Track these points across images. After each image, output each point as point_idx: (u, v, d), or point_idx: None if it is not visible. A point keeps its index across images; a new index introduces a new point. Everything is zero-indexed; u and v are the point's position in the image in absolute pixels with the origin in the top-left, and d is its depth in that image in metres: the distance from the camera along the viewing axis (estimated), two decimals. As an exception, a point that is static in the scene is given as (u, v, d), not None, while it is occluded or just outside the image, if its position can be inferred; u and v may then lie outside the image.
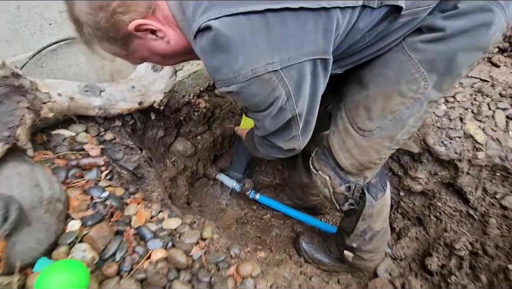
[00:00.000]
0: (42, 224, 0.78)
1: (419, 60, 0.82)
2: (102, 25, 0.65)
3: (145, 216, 0.99)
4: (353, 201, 1.10)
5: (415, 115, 0.90)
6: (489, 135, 1.39)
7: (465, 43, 0.78)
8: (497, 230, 1.32)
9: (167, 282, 0.80)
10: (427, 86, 0.84)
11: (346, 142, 1.00)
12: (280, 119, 0.77)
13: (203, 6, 0.61)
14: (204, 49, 0.64)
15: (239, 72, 0.63)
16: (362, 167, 1.03)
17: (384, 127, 0.93)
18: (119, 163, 1.20)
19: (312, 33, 0.64)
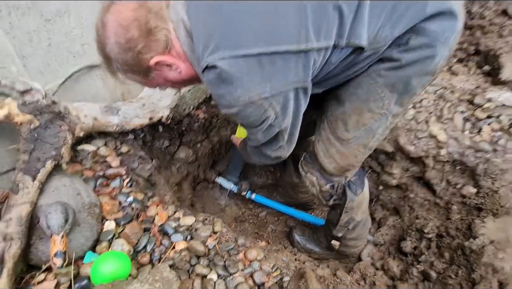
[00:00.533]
0: (87, 225, 0.96)
1: (383, 83, 1.03)
2: (129, 62, 0.85)
3: (164, 215, 1.18)
4: (336, 197, 1.32)
5: (382, 126, 1.12)
6: (450, 135, 1.64)
7: (416, 70, 0.99)
8: (458, 214, 1.57)
9: (190, 267, 1.00)
10: (390, 104, 1.05)
11: (329, 149, 1.21)
12: (270, 133, 0.97)
13: (210, 48, 0.80)
14: (211, 81, 0.84)
15: (238, 99, 0.83)
16: (343, 169, 1.25)
17: (358, 137, 1.14)
18: (135, 171, 1.38)
19: (294, 69, 0.84)
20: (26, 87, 0.97)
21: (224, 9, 0.79)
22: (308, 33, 0.81)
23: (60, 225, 0.82)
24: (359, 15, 0.84)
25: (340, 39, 0.86)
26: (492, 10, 1.91)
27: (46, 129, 0.98)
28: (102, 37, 0.83)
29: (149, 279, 0.82)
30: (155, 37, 0.82)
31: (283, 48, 0.80)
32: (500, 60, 1.77)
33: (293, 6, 0.79)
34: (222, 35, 0.78)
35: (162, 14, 0.82)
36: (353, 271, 1.59)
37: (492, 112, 1.64)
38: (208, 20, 0.80)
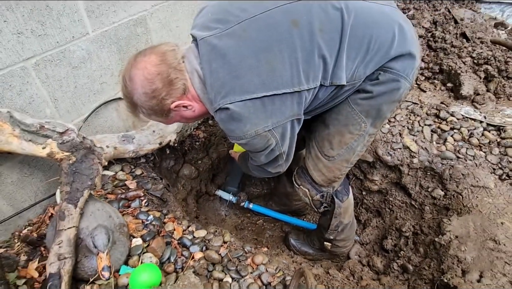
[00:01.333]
0: (121, 242, 1.14)
1: (359, 110, 1.25)
2: (154, 108, 1.04)
3: (180, 230, 1.37)
4: (326, 204, 1.54)
5: (361, 144, 1.34)
6: (420, 145, 1.89)
7: (386, 99, 1.21)
8: (430, 214, 1.82)
9: (208, 272, 1.19)
10: (366, 126, 1.27)
11: (317, 164, 1.43)
12: (271, 156, 1.18)
13: (221, 94, 0.99)
14: (223, 119, 1.04)
15: (246, 132, 1.03)
16: (330, 181, 1.47)
17: (341, 154, 1.36)
18: (149, 191, 1.57)
19: (290, 106, 1.05)
20: (64, 129, 1.15)
21: (232, 62, 0.97)
22: (300, 79, 1.02)
23: (105, 244, 1.01)
24: (338, 62, 1.06)
25: (325, 81, 1.08)
26: (452, 34, 2.20)
27: (82, 163, 1.16)
28: (130, 88, 1.02)
29: (179, 285, 1.02)
30: (175, 86, 1.02)
31: (282, 91, 1.00)
32: (460, 78, 2.04)
33: (287, 58, 0.99)
34: (232, 83, 0.98)
35: (180, 67, 1.02)
36: (343, 268, 1.81)
37: (454, 124, 1.91)
38: (219, 71, 0.98)
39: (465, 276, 1.37)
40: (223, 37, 0.99)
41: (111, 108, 1.54)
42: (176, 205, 1.68)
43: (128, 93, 1.04)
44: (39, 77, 1.18)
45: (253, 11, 1.00)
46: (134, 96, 1.03)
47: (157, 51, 1.01)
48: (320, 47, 1.01)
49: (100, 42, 1.36)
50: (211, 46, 0.99)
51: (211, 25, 1.02)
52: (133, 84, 1.01)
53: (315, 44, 1.00)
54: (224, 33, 0.99)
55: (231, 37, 0.99)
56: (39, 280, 1.09)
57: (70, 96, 1.32)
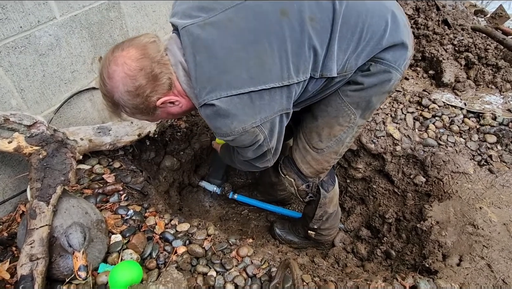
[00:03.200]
0: (99, 240, 1.09)
1: (349, 102, 1.21)
2: (138, 106, 0.97)
3: (162, 224, 1.33)
4: (311, 194, 1.53)
5: (350, 135, 1.31)
6: (403, 133, 1.90)
7: (376, 91, 1.18)
8: (412, 201, 1.85)
9: (191, 267, 1.16)
10: (356, 118, 1.24)
11: (305, 157, 1.40)
12: (259, 151, 1.14)
13: (207, 89, 0.94)
14: (209, 116, 0.98)
15: (234, 129, 0.99)
16: (318, 172, 1.45)
17: (330, 146, 1.33)
18: (129, 185, 1.51)
19: (279, 100, 1.01)
20: (32, 121, 1.07)
21: (218, 55, 0.91)
22: (290, 72, 0.97)
23: (81, 242, 0.95)
24: (329, 53, 1.01)
25: (315, 73, 1.04)
26: (434, 21, 2.20)
27: (53, 158, 1.09)
28: (109, 86, 0.93)
29: (162, 281, 0.98)
30: (160, 81, 0.94)
31: (270, 85, 0.95)
32: (442, 66, 2.06)
33: (276, 50, 0.94)
34: (218, 78, 0.92)
35: (164, 60, 0.94)
36: (328, 256, 1.82)
37: (436, 112, 1.93)
38: (204, 64, 0.92)
39: (445, 260, 1.40)
40: (207, 27, 0.92)
41: (84, 98, 1.46)
42: (158, 198, 1.63)
43: (107, 92, 0.95)
44: (2, 65, 1.09)
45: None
46: (115, 95, 0.94)
47: (137, 44, 0.93)
48: (310, 38, 0.96)
49: (70, 27, 1.26)
50: (194, 37, 0.92)
51: (193, 13, 0.95)
52: (113, 82, 0.92)
53: (305, 34, 0.95)
54: (208, 21, 0.93)
55: (215, 27, 0.92)
56: (11, 282, 1.03)
57: (38, 86, 1.23)
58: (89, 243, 1.01)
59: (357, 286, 1.24)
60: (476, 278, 1.27)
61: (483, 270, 1.31)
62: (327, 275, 1.35)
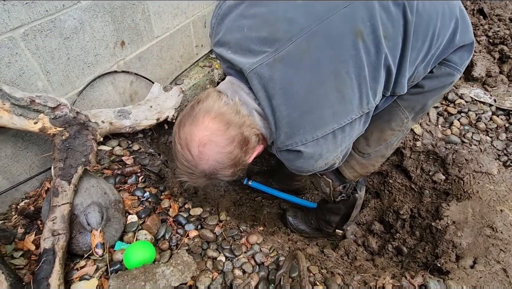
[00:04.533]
0: (116, 219, 1.15)
1: (404, 106, 1.14)
2: (235, 172, 0.92)
3: (176, 207, 1.37)
4: (345, 194, 1.48)
5: (399, 139, 1.25)
6: (424, 128, 1.84)
7: (435, 94, 1.11)
8: (429, 198, 1.80)
9: (202, 251, 1.21)
10: (408, 121, 1.18)
11: (349, 161, 1.29)
12: (329, 169, 1.04)
13: (288, 133, 0.85)
14: (291, 160, 0.93)
15: (316, 166, 0.94)
16: (361, 176, 1.38)
17: (378, 150, 1.26)
18: (147, 167, 1.56)
19: (357, 128, 0.94)
20: (56, 103, 1.12)
21: (297, 96, 0.81)
22: (368, 98, 0.88)
23: (98, 222, 1.01)
24: (402, 69, 0.91)
25: (386, 91, 0.96)
26: (469, 10, 2.06)
27: (75, 139, 1.14)
28: (201, 168, 0.87)
29: (172, 263, 1.03)
30: (251, 142, 0.89)
31: (352, 118, 0.88)
32: (473, 58, 1.94)
33: (355, 78, 0.83)
34: (301, 121, 0.84)
35: (247, 121, 0.87)
36: (338, 248, 1.83)
37: (462, 108, 1.84)
38: (282, 108, 0.82)
39: (458, 261, 1.37)
40: (277, 65, 0.80)
41: (106, 81, 1.50)
42: (174, 182, 1.67)
43: (200, 172, 0.88)
44: (29, 48, 1.13)
45: (304, 22, 0.79)
46: (208, 172, 0.88)
47: (212, 115, 0.83)
48: (386, 58, 0.85)
49: (93, 11, 1.29)
50: (266, 79, 0.80)
51: (253, 47, 0.82)
52: (205, 162, 0.86)
53: (381, 55, 0.84)
54: (277, 57, 0.79)
55: (288, 63, 0.79)
56: (36, 253, 1.11)
57: (62, 69, 1.27)
58: (106, 222, 1.07)
59: (364, 281, 1.24)
60: (489, 282, 1.25)
61: (497, 274, 1.28)
62: (335, 268, 1.36)
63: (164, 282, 0.95)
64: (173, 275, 0.98)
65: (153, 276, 0.96)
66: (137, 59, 1.60)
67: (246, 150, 0.88)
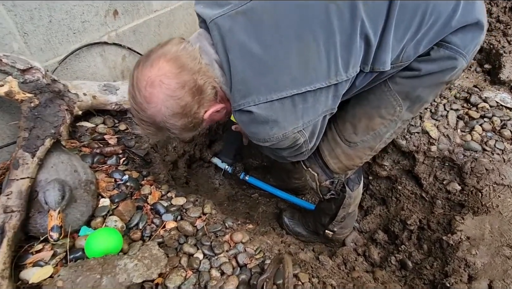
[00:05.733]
0: (83, 201, 1.02)
1: (397, 91, 1.01)
2: (186, 125, 0.85)
3: (157, 195, 1.24)
4: (334, 192, 1.35)
5: (391, 131, 1.12)
6: (442, 132, 1.66)
7: (433, 80, 0.97)
8: (441, 209, 1.63)
9: (178, 245, 1.07)
10: (401, 110, 1.05)
11: (334, 150, 1.20)
12: (297, 152, 1.00)
13: (242, 92, 0.80)
14: (244, 122, 0.86)
15: (273, 136, 0.85)
16: (347, 169, 1.26)
17: (366, 140, 1.14)
18: (132, 150, 1.43)
19: (324, 101, 0.86)
20: (27, 66, 0.99)
21: (254, 53, 0.77)
22: (338, 68, 0.82)
23: (57, 201, 0.88)
24: (383, 43, 0.84)
25: (365, 66, 0.87)
26: (500, 7, 1.88)
27: (46, 108, 1.02)
28: (149, 112, 0.82)
29: (138, 256, 0.89)
30: (205, 93, 0.83)
31: (316, 86, 0.81)
32: (502, 60, 1.76)
33: (322, 45, 0.78)
34: (256, 81, 0.79)
35: (204, 69, 0.81)
36: (336, 255, 1.67)
37: (486, 112, 1.66)
38: (237, 64, 0.78)
39: (471, 282, 1.20)
40: (239, 17, 0.77)
41: (95, 52, 1.38)
42: (162, 168, 1.54)
43: (148, 118, 0.84)
44: (3, 4, 1.01)
45: None
46: (157, 120, 0.83)
47: (167, 56, 0.79)
48: (363, 25, 0.79)
49: (81, -29, 1.17)
50: (224, 30, 0.78)
51: (221, 1, 0.80)
52: (153, 107, 0.80)
53: (357, 21, 0.78)
54: (240, 10, 0.77)
55: (249, 17, 0.77)
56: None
57: (43, 32, 1.15)
58: (69, 202, 0.94)
59: (360, 296, 1.08)
60: (506, 310, 1.07)
61: (516, 302, 1.11)
62: (329, 277, 1.20)
63: (124, 277, 0.82)
64: (136, 270, 0.85)
65: (113, 269, 0.83)
66: (131, 32, 1.48)
67: (199, 100, 0.82)
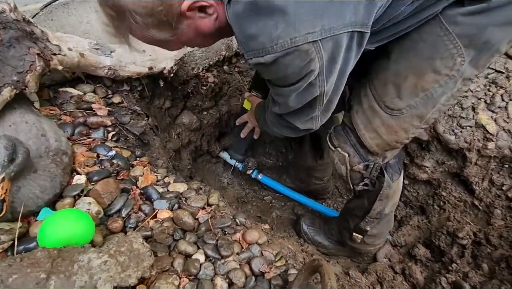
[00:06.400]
0: (47, 173, 0.76)
1: (457, 34, 0.77)
2: (155, 10, 0.62)
3: (151, 178, 0.97)
4: (368, 181, 1.07)
5: (447, 93, 0.87)
6: (501, 126, 1.37)
7: (506, 17, 0.74)
8: (502, 221, 1.31)
9: (172, 242, 0.79)
10: (463, 63, 0.80)
11: (372, 121, 0.97)
12: (307, 96, 0.74)
13: None
14: (240, 15, 0.62)
15: (277, 40, 0.61)
16: (388, 147, 1.00)
17: (414, 106, 0.89)
18: (125, 126, 1.17)
19: (354, 5, 0.63)
20: (-13, -9, 0.76)
21: None
22: None
23: (1, 164, 0.62)
24: None
25: None
26: None
27: (9, 49, 0.77)
28: None
29: (111, 250, 0.61)
30: None
31: None
32: None
33: None
34: None
35: None
36: (368, 272, 1.36)
37: (558, 103, 1.36)
38: None
39: None
40: None
41: (88, 7, 1.15)
42: (162, 153, 1.28)
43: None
44: None
45: None
46: None
47: None
48: None
49: None
50: None
51: None
52: None
53: None
54: None
55: None
56: None
57: (22, -33, 0.93)
58: (23, 171, 0.68)
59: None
60: None
61: None
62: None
63: (84, 279, 0.54)
64: (104, 270, 0.57)
65: (69, 266, 0.55)
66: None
67: None
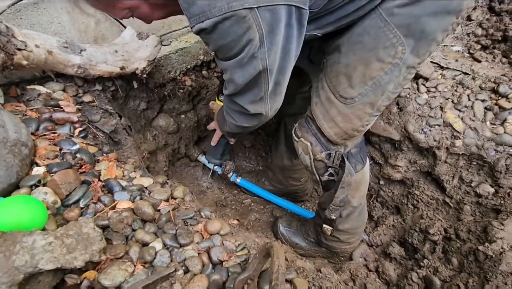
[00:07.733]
0: (3, 163, 0.75)
1: (395, 25, 0.83)
2: None
3: (116, 172, 0.96)
4: (332, 170, 1.10)
5: (394, 81, 0.92)
6: (467, 124, 1.41)
7: (437, 7, 0.80)
8: (470, 216, 1.33)
9: (131, 232, 0.78)
10: (405, 51, 0.86)
11: (329, 111, 1.01)
12: (250, 70, 0.76)
13: None
14: None
15: (214, 4, 0.63)
16: (346, 136, 1.04)
17: (365, 94, 0.94)
18: (95, 124, 1.17)
19: None
20: None
21: None
22: None
23: None
24: None
25: None
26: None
27: (-33, 39, 0.78)
28: None
29: (58, 233, 0.61)
30: None
31: None
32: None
33: None
34: None
35: None
36: (342, 270, 1.35)
37: (519, 102, 1.42)
38: None
39: (526, 304, 0.89)
40: None
41: (59, 7, 1.17)
42: (134, 153, 1.28)
43: None
44: None
45: None
46: None
47: None
48: None
49: None
50: None
51: None
52: None
53: None
54: None
55: None
56: None
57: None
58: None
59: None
60: None
61: None
62: None
63: (25, 259, 0.53)
64: (48, 251, 0.56)
65: (10, 246, 0.54)
66: (107, -9, 1.28)
67: None
